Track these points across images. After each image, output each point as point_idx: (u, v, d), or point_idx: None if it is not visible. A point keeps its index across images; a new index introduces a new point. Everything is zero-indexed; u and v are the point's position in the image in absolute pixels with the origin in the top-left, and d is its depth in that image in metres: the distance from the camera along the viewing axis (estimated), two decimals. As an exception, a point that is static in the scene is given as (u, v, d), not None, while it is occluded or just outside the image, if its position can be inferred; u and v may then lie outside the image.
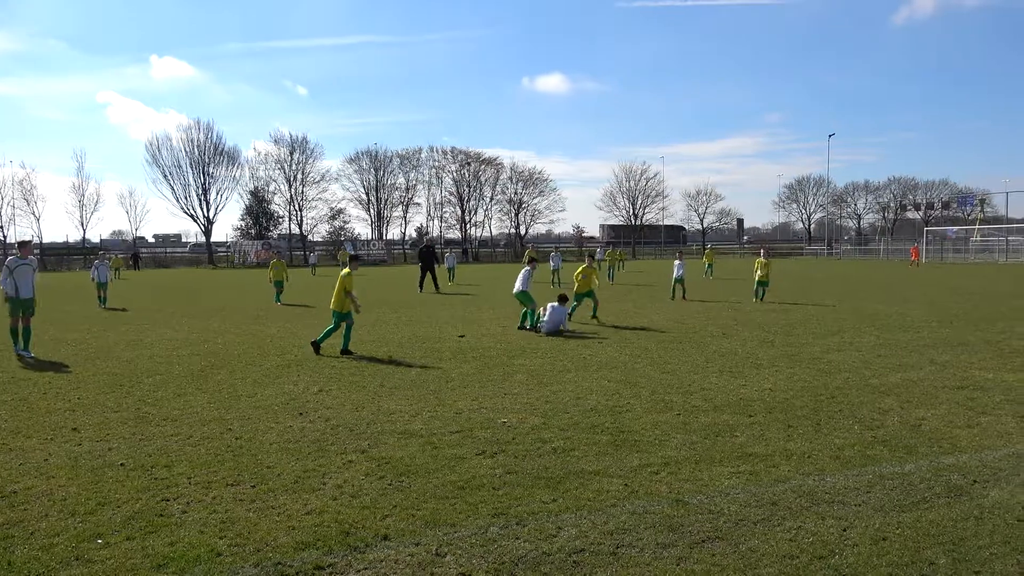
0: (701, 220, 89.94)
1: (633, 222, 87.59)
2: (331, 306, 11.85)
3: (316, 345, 11.65)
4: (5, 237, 66.88)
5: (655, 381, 9.17)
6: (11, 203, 66.60)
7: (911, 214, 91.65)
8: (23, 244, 12.68)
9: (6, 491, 5.31)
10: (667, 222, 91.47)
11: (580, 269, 16.08)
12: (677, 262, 21.76)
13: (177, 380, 9.54)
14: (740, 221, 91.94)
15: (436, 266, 26.27)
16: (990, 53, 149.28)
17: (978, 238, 61.72)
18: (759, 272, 20.11)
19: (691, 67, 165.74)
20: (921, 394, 8.27)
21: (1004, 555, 4.14)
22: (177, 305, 21.77)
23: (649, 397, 8.26)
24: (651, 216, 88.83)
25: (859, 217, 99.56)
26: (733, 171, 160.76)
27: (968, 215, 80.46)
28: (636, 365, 10.34)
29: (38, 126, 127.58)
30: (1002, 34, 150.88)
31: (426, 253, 26.31)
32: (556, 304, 14.13)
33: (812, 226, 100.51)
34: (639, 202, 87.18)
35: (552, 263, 28.35)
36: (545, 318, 14.01)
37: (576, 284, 15.82)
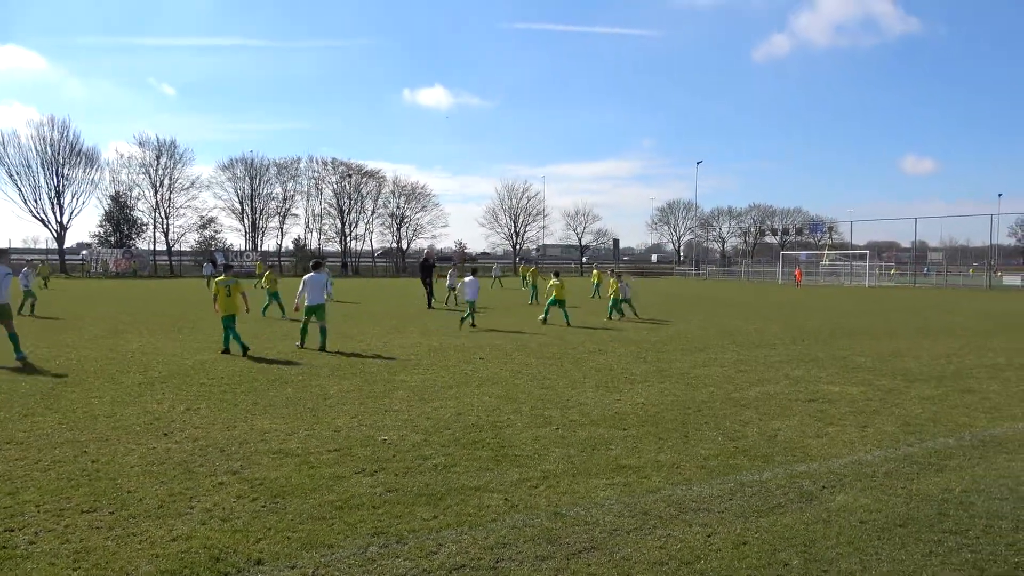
0: (579, 239, 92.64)
1: (514, 240, 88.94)
2: (221, 314, 12.85)
3: (244, 348, 12.65)
4: None
5: (535, 396, 9.36)
6: None
7: (769, 239, 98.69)
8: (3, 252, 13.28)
9: None
10: (547, 240, 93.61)
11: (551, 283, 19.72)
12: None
13: (23, 399, 8.75)
14: (616, 241, 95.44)
15: (434, 281, 25.36)
16: (837, 91, 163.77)
17: (827, 262, 67.36)
18: (612, 291, 21.13)
19: (569, 89, 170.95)
20: (777, 407, 8.91)
21: (849, 555, 4.53)
22: (23, 317, 19.94)
23: (529, 412, 8.42)
24: (532, 234, 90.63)
25: (723, 240, 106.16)
26: (609, 192, 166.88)
27: (819, 241, 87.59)
28: (517, 381, 10.51)
29: None
30: (846, 74, 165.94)
31: (426, 267, 25.67)
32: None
33: (682, 247, 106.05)
34: (520, 220, 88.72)
35: (449, 281, 26.85)
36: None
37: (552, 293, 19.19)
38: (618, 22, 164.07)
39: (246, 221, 75.47)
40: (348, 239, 79.54)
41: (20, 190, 64.19)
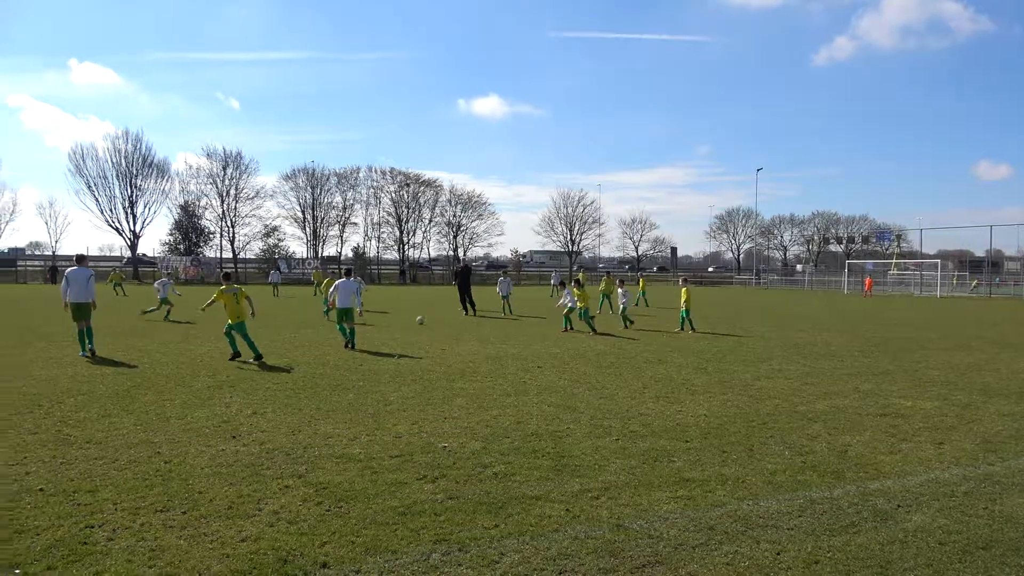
0: (636, 248, 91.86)
1: (570, 248, 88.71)
2: (231, 321, 13.02)
3: (258, 357, 12.61)
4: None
5: (594, 406, 9.27)
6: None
7: (833, 247, 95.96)
8: (81, 257, 14.44)
9: (-89, 519, 4.97)
10: (603, 249, 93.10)
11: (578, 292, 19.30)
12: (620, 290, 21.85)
13: (101, 401, 9.13)
14: (674, 250, 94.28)
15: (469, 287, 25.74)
16: (903, 95, 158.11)
17: (895, 272, 64.99)
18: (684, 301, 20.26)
19: (623, 96, 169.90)
20: (847, 421, 8.61)
21: (926, 577, 4.33)
22: (99, 321, 20.84)
23: (588, 422, 8.35)
24: (588, 243, 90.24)
25: (785, 248, 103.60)
26: (665, 200, 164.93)
27: (886, 249, 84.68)
28: (575, 390, 10.44)
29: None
30: (914, 77, 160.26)
31: (463, 274, 26.03)
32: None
33: (741, 256, 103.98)
34: (576, 228, 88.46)
35: (501, 289, 26.56)
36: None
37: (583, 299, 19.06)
38: (672, 28, 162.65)
39: (307, 229, 77.32)
40: (406, 247, 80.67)
41: (97, 200, 67.42)
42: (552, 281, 42.88)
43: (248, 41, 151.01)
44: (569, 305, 19.44)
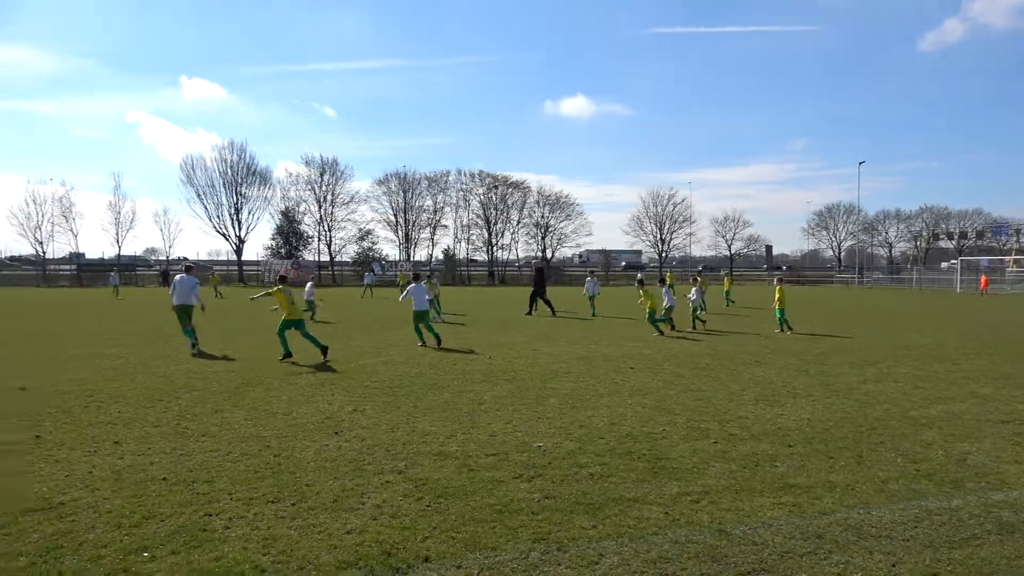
0: (729, 246, 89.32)
1: (660, 248, 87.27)
2: (287, 318, 13.45)
3: (323, 350, 13.30)
4: (44, 252, 68.45)
5: (690, 408, 9.08)
6: (50, 220, 68.30)
7: (944, 243, 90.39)
8: (188, 267, 16.10)
9: (54, 502, 5.40)
10: (694, 248, 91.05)
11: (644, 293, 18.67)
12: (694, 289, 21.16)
13: (214, 396, 9.66)
14: (769, 248, 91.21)
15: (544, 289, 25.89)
16: (1021, 79, 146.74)
17: (1014, 268, 60.55)
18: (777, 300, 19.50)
19: (715, 92, 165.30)
20: (964, 428, 8.09)
21: (1063, 597, 4.02)
22: (208, 323, 22.08)
23: (685, 424, 8.19)
24: (678, 241, 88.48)
25: (890, 245, 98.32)
26: (760, 197, 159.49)
27: (1004, 245, 79.07)
28: (669, 392, 10.26)
29: (76, 145, 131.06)
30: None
31: (537, 276, 26.14)
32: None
33: (842, 254, 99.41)
34: (666, 227, 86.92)
35: (588, 290, 26.15)
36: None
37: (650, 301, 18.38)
38: (764, 19, 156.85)
39: (399, 232, 79.35)
40: (495, 248, 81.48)
41: (206, 208, 71.40)
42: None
43: (342, 52, 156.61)
44: (667, 304, 19.22)
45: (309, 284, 24.87)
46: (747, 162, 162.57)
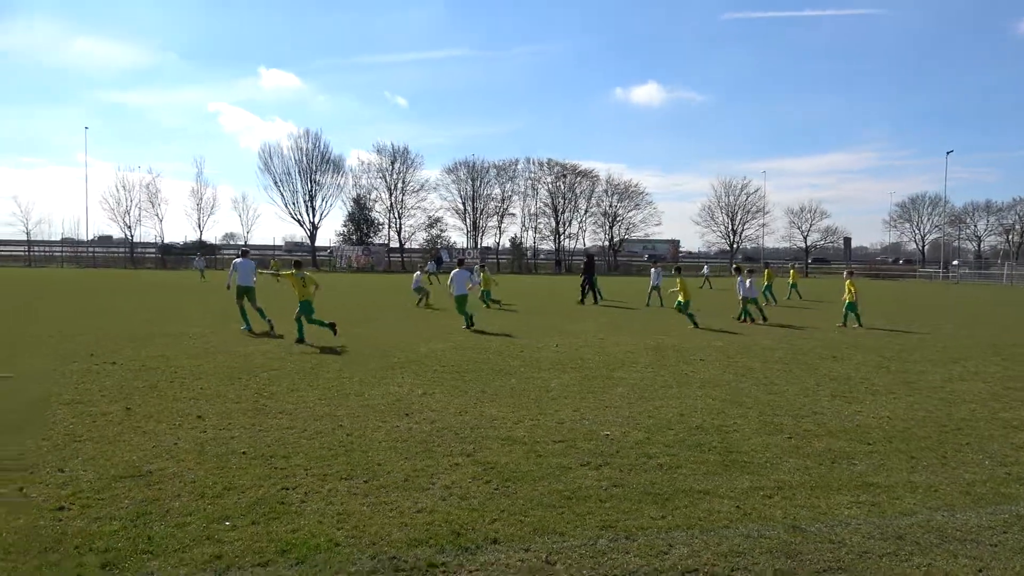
0: (804, 238, 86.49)
1: (732, 239, 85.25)
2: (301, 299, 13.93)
3: (332, 326, 13.92)
4: (133, 236, 71.89)
5: (762, 402, 8.87)
6: (138, 205, 71.67)
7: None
8: (244, 251, 17.56)
9: (143, 470, 5.69)
10: (767, 240, 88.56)
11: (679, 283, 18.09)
12: (741, 279, 20.43)
13: (290, 376, 9.98)
14: (847, 240, 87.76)
15: (595, 278, 26.19)
16: None
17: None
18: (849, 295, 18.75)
19: (792, 78, 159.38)
20: (1061, 432, 7.64)
21: None
22: (282, 304, 22.80)
23: (757, 418, 8.00)
24: (750, 232, 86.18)
25: (979, 239, 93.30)
26: (837, 187, 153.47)
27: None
28: (741, 385, 10.04)
29: (161, 134, 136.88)
30: None
31: (588, 264, 26.38)
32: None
33: (926, 247, 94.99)
34: (738, 218, 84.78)
35: (653, 280, 25.62)
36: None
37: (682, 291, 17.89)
38: (844, 3, 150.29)
39: (468, 220, 79.93)
40: (562, 237, 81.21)
41: (282, 194, 73.55)
42: (704, 272, 41.45)
43: (414, 42, 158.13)
44: (742, 295, 19.28)
45: (417, 274, 25.02)
46: (825, 151, 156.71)
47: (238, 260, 16.52)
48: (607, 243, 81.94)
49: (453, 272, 17.25)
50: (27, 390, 8.64)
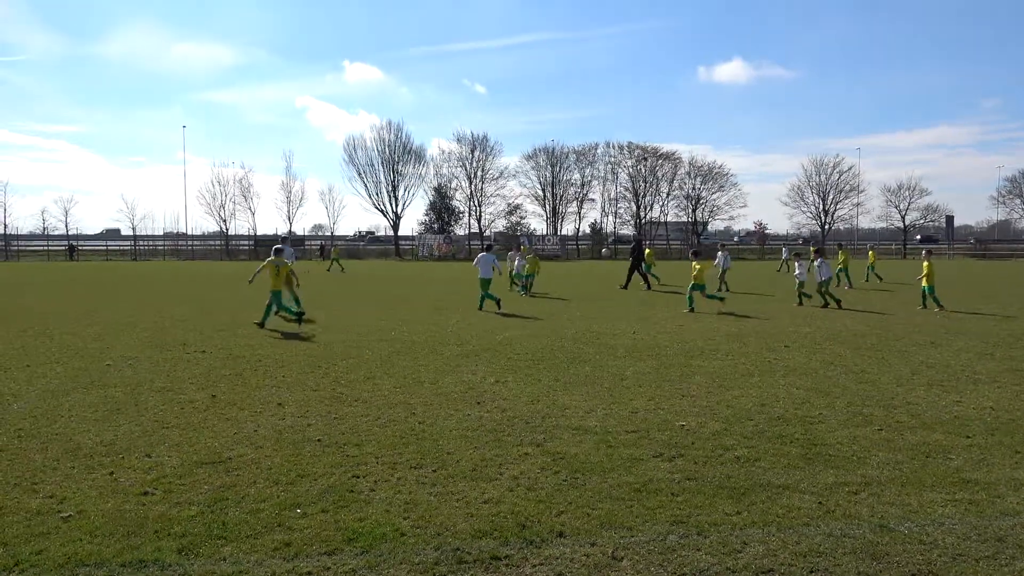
0: (903, 217, 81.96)
1: (823, 219, 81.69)
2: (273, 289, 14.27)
3: (299, 316, 14.42)
4: (227, 229, 75.24)
5: (851, 391, 8.42)
6: (232, 199, 74.88)
7: None
8: (283, 239, 18.18)
9: (223, 457, 5.90)
10: (862, 220, 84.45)
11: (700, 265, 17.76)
12: (799, 263, 19.38)
13: (367, 364, 10.17)
14: (950, 219, 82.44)
15: (642, 263, 25.83)
16: None
17: None
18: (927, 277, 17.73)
19: (888, 50, 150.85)
20: None
21: None
22: (370, 294, 23.36)
23: (845, 409, 7.59)
24: (843, 212, 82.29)
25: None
26: (939, 163, 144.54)
27: None
28: (829, 373, 9.56)
29: (252, 130, 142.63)
30: None
31: (635, 250, 26.07)
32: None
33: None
34: (831, 197, 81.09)
35: (720, 262, 24.35)
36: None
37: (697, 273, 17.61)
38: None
39: (547, 207, 79.67)
40: (643, 222, 79.85)
41: (366, 186, 75.25)
42: (783, 255, 40.00)
43: (492, 29, 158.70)
44: (799, 279, 18.74)
45: (517, 260, 24.39)
46: (925, 125, 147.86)
47: (277, 247, 16.82)
48: (690, 226, 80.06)
49: (479, 255, 18.19)
50: (124, 377, 9.13)
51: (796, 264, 19.46)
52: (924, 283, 17.88)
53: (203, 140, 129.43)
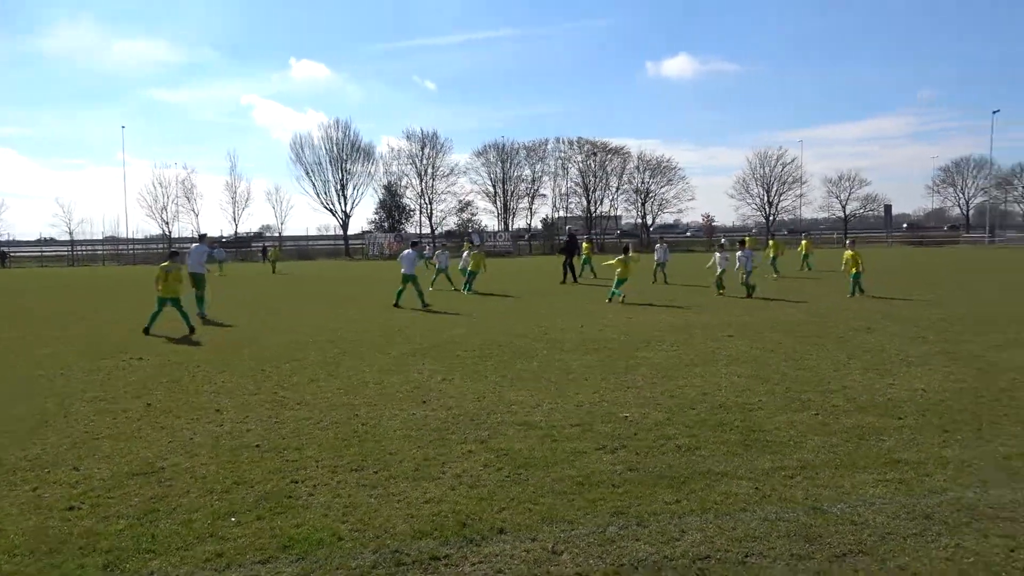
0: (843, 207, 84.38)
1: (767, 211, 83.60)
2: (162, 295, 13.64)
3: (191, 328, 13.49)
4: (171, 232, 73.24)
5: (790, 378, 8.61)
6: (175, 201, 72.87)
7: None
8: (201, 236, 17.98)
9: (156, 467, 5.71)
10: (805, 211, 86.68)
11: (617, 260, 18.21)
12: (719, 254, 20.18)
13: (311, 366, 9.99)
14: (888, 208, 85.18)
15: (577, 257, 26.08)
16: None
17: None
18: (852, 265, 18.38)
19: (829, 44, 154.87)
20: (1108, 399, 7.26)
21: None
22: (317, 295, 22.97)
23: (783, 395, 7.76)
24: (787, 204, 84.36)
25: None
26: (877, 154, 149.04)
27: None
28: (769, 360, 9.77)
29: (196, 129, 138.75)
30: None
31: (569, 243, 26.18)
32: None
33: (971, 212, 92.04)
34: (774, 189, 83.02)
35: (657, 255, 24.98)
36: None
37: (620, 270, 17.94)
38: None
39: (498, 203, 79.66)
40: (593, 217, 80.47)
41: (314, 184, 74.07)
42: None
43: (442, 26, 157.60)
44: (719, 268, 19.30)
45: (466, 253, 24.10)
46: (864, 117, 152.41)
47: (194, 246, 17.12)
48: (639, 220, 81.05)
49: (404, 252, 18.45)
50: (55, 387, 8.78)
51: (718, 255, 19.92)
52: (851, 270, 18.47)
53: (145, 141, 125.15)
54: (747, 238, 23.53)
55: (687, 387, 8.23)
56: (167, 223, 72.97)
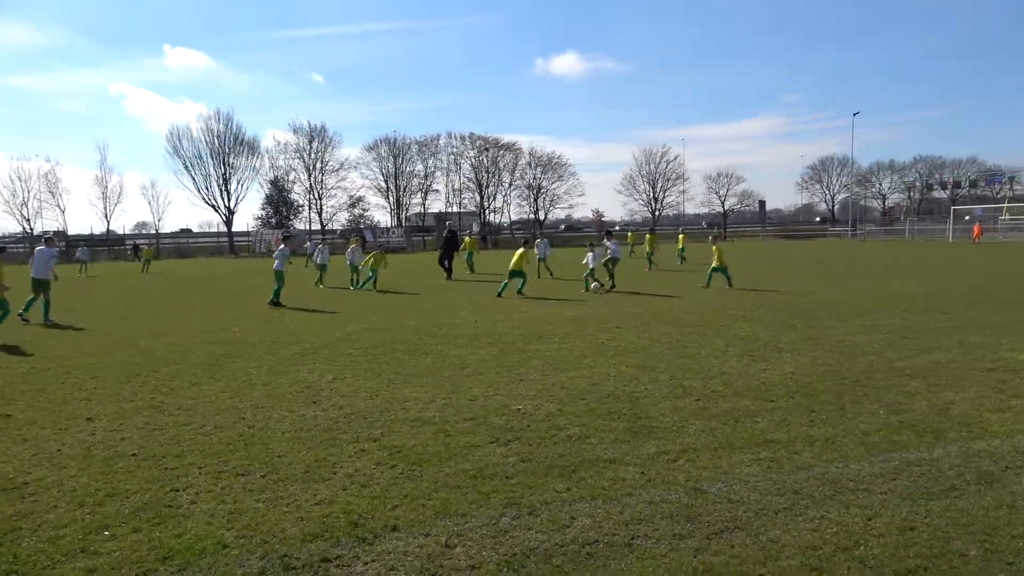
0: (722, 203, 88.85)
1: (653, 206, 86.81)
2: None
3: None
4: (32, 230, 67.75)
5: (674, 366, 9.00)
6: (37, 196, 67.42)
7: (937, 193, 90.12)
8: (48, 239, 16.56)
9: (17, 482, 5.29)
10: (688, 206, 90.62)
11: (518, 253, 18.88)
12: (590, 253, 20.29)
13: (193, 369, 9.53)
14: (762, 203, 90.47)
15: (456, 253, 26.03)
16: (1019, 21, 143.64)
17: (1007, 217, 60.41)
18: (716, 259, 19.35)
19: (707, 45, 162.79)
20: (949, 377, 8.03)
21: (1039, 546, 3.95)
22: (198, 295, 21.91)
23: (668, 382, 8.10)
24: (671, 199, 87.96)
25: (884, 197, 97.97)
26: (753, 152, 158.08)
27: (997, 193, 78.91)
28: (655, 350, 10.17)
29: (60, 119, 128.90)
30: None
31: (448, 238, 26.12)
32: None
33: (836, 207, 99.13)
34: (659, 185, 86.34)
35: (539, 251, 25.21)
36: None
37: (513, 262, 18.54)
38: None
39: (391, 198, 78.63)
40: (487, 212, 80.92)
41: (194, 179, 70.52)
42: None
43: (328, 16, 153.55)
44: (591, 265, 19.20)
45: (353, 248, 23.44)
46: (740, 117, 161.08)
47: (38, 249, 15.93)
48: (532, 215, 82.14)
49: (279, 248, 18.44)
50: None
51: (590, 253, 19.75)
52: (714, 263, 19.36)
53: (1, 131, 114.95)
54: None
55: (578, 378, 8.44)
56: (28, 220, 67.46)
